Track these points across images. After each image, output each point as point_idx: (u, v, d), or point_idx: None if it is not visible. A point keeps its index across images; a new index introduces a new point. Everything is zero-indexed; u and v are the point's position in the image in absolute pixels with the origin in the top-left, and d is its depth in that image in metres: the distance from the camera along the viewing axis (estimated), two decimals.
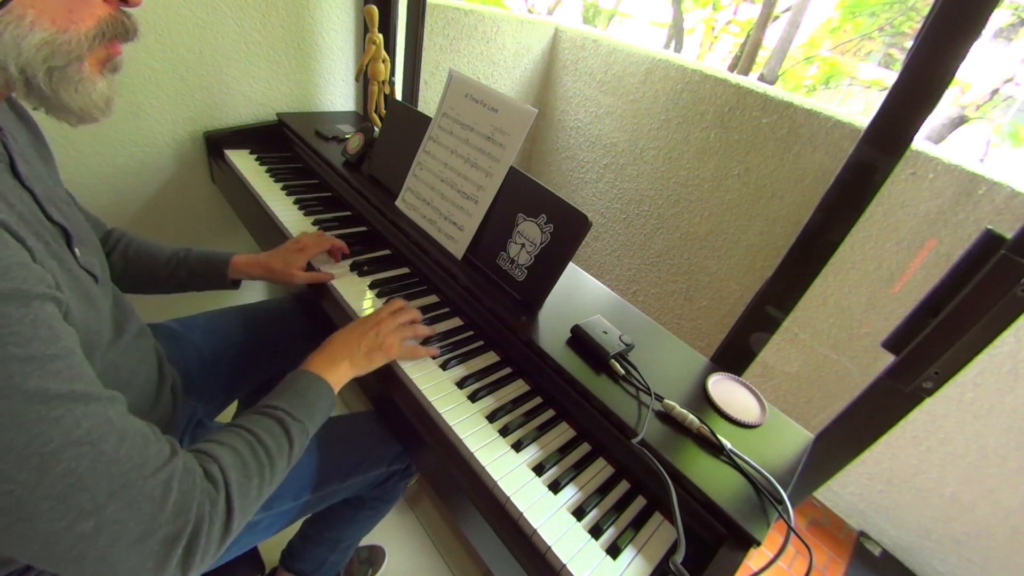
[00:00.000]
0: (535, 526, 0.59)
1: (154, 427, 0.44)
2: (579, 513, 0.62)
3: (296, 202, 1.11)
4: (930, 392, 0.56)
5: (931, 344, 0.54)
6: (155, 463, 0.40)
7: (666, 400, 0.71)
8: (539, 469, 0.66)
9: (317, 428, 0.61)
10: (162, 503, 0.40)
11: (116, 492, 0.37)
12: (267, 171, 1.20)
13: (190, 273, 0.84)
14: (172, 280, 0.84)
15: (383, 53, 1.27)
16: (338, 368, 0.67)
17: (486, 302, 0.84)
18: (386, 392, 0.75)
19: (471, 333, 0.87)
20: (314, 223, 1.05)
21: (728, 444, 0.67)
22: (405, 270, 0.99)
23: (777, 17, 5.58)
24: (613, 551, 0.59)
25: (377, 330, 0.73)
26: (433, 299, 0.93)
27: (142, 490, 0.39)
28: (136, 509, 0.38)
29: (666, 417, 0.71)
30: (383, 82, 1.30)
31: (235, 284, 0.89)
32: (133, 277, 0.81)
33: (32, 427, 0.34)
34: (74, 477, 0.35)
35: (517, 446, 0.68)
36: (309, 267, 0.92)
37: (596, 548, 0.59)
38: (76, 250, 0.51)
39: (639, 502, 0.68)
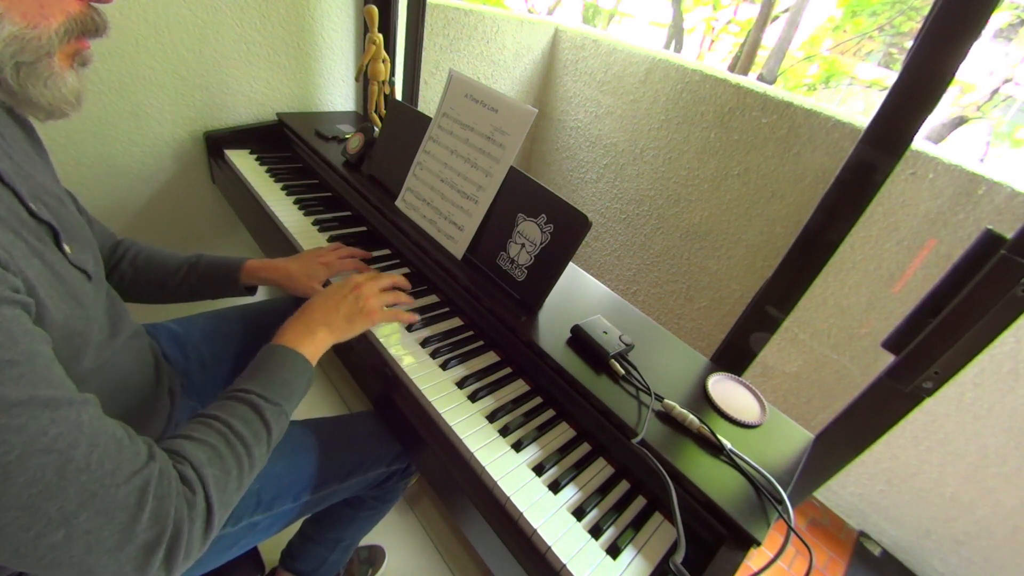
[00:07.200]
0: (535, 526, 0.59)
1: (129, 429, 0.43)
2: (579, 513, 0.62)
3: (296, 202, 1.11)
4: (930, 392, 0.56)
5: (931, 344, 0.54)
6: (129, 468, 0.39)
7: (666, 400, 0.71)
8: (539, 469, 0.66)
9: (297, 405, 0.59)
10: (137, 511, 0.38)
11: (86, 501, 0.36)
12: (267, 171, 1.20)
13: (201, 280, 0.82)
14: (183, 288, 0.81)
15: (383, 53, 1.27)
16: (315, 336, 0.64)
17: (486, 302, 0.84)
18: (386, 392, 0.75)
19: (471, 333, 0.87)
20: (314, 223, 1.05)
21: (728, 444, 0.67)
22: (405, 270, 0.99)
23: (777, 17, 5.58)
24: (613, 551, 0.59)
25: (357, 293, 0.70)
26: (433, 299, 0.93)
27: (115, 498, 0.37)
28: (110, 518, 0.37)
29: (666, 417, 0.71)
30: (383, 82, 1.30)
31: (250, 291, 0.86)
32: (143, 286, 0.79)
33: None
34: (40, 486, 0.34)
35: (517, 446, 0.68)
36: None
37: (596, 548, 0.59)
38: (66, 247, 0.50)
39: (639, 502, 0.68)
